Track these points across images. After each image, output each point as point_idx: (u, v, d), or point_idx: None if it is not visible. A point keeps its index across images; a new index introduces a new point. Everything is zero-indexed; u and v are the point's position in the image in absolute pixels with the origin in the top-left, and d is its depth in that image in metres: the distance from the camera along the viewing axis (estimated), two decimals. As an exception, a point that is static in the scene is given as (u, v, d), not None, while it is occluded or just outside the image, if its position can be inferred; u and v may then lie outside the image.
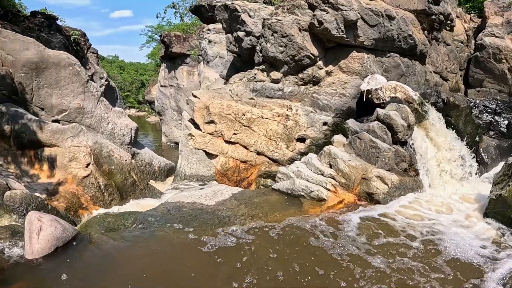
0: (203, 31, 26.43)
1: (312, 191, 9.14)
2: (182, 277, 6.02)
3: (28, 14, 23.28)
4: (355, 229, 7.62)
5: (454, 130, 11.78)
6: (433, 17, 12.95)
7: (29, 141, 13.97)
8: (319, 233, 7.39)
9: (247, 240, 7.13)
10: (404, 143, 10.34)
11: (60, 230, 6.99)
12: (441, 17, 13.08)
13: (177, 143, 28.73)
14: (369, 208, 8.64)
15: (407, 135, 10.27)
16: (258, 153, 11.97)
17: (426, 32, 13.19)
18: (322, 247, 6.92)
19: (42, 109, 15.85)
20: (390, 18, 11.62)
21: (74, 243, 7.06)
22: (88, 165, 14.23)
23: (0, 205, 10.19)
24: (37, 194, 11.83)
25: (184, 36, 29.64)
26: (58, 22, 24.31)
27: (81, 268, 6.29)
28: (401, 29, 11.76)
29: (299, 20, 12.29)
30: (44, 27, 22.69)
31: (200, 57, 25.21)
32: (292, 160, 11.52)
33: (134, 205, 13.80)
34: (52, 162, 14.02)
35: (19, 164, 14.02)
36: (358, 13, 11.54)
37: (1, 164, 13.71)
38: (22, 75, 15.58)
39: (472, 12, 18.17)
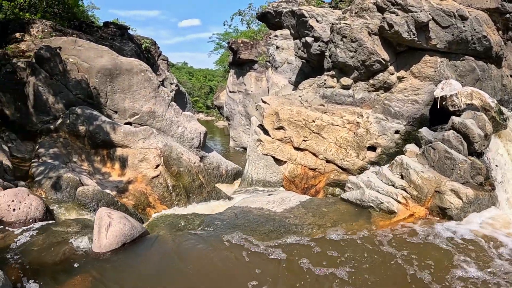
0: (270, 37, 26.59)
1: (382, 203, 8.85)
2: (248, 280, 6.02)
3: (101, 24, 24.49)
4: (430, 248, 7.28)
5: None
6: (508, 15, 12.18)
7: (103, 141, 14.65)
8: (391, 249, 7.16)
9: (313, 250, 7.03)
10: (480, 154, 9.75)
11: (129, 227, 7.25)
12: (516, 15, 12.33)
13: (245, 148, 29.10)
14: (442, 224, 8.13)
15: (483, 145, 9.66)
16: (327, 161, 11.82)
17: (500, 32, 12.42)
18: (395, 263, 6.69)
19: (116, 112, 16.57)
20: (463, 18, 11.04)
21: (141, 241, 7.31)
22: (157, 166, 14.70)
23: (73, 199, 10.77)
24: (107, 190, 12.37)
25: (252, 42, 29.94)
26: (130, 31, 25.42)
27: (145, 265, 6.48)
28: (474, 29, 11.14)
29: (368, 23, 12.03)
30: (117, 36, 23.74)
31: (268, 63, 25.37)
32: (361, 169, 11.27)
33: (201, 207, 14.05)
34: (123, 162, 14.60)
35: (92, 162, 14.70)
36: (429, 14, 11.09)
37: (75, 161, 14.46)
38: (97, 80, 16.37)
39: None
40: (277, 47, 22.58)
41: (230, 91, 31.98)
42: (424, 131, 10.50)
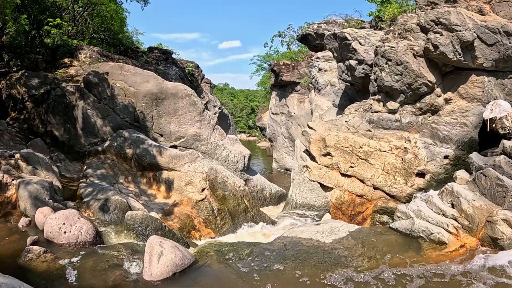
0: (311, 59, 26.66)
1: (432, 233, 8.58)
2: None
3: (146, 49, 25.22)
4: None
5: None
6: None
7: (149, 164, 15.03)
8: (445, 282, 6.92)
9: (363, 284, 6.90)
10: (532, 181, 9.36)
11: (180, 257, 7.37)
12: None
13: (287, 169, 29.18)
14: (495, 256, 7.77)
15: (536, 171, 9.31)
16: (375, 188, 11.63)
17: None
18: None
19: (161, 135, 16.99)
20: (509, 34, 10.55)
21: (190, 270, 7.39)
22: (203, 189, 14.90)
23: (120, 221, 10.98)
24: (153, 213, 12.62)
25: (293, 64, 30.12)
26: (173, 55, 26.07)
27: None
28: None
29: (413, 45, 11.85)
30: (161, 61, 24.44)
31: (311, 85, 25.40)
32: (410, 196, 11.01)
33: (246, 232, 14.08)
34: (169, 185, 14.89)
35: (138, 184, 15.08)
36: (474, 32, 10.74)
37: (122, 182, 14.85)
38: (143, 104, 16.85)
39: None
40: (320, 69, 22.57)
41: (272, 113, 32.14)
42: (474, 157, 10.17)
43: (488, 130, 10.54)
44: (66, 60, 18.92)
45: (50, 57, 19.08)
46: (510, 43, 10.67)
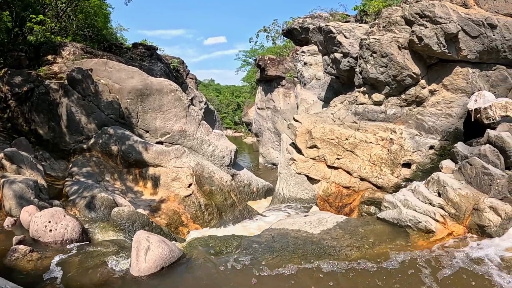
0: (297, 54, 26.69)
1: (419, 222, 8.64)
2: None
3: (130, 46, 25.02)
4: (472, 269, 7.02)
5: None
6: (537, 19, 11.86)
7: (135, 161, 14.92)
8: (435, 272, 6.96)
9: (352, 274, 6.91)
10: (515, 168, 9.49)
11: (167, 251, 7.29)
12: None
13: (274, 164, 29.22)
14: (481, 243, 7.86)
15: (520, 158, 9.43)
16: (362, 179, 11.66)
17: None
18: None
19: (147, 131, 16.87)
20: (492, 26, 10.71)
21: (179, 264, 7.32)
22: (190, 185, 14.85)
23: (107, 218, 10.89)
24: (140, 209, 12.55)
25: (278, 59, 30.12)
26: (158, 51, 25.91)
27: None
28: (504, 37, 10.76)
29: (398, 37, 11.90)
30: (146, 57, 24.26)
31: (296, 79, 25.42)
32: (396, 187, 11.07)
33: (234, 227, 14.08)
34: (155, 181, 14.82)
35: (125, 181, 14.98)
36: (458, 24, 10.84)
37: (108, 180, 14.73)
38: (128, 101, 16.70)
39: None
40: (305, 63, 22.59)
41: (258, 108, 32.14)
42: (460, 146, 10.25)
43: (472, 120, 10.65)
44: (49, 57, 18.68)
45: (33, 54, 18.82)
46: (494, 35, 10.80)
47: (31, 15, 18.64)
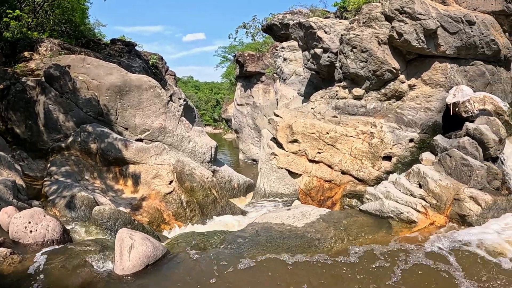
0: (276, 49, 26.72)
1: (401, 213, 8.79)
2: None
3: (108, 42, 24.64)
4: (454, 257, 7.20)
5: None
6: (513, 17, 12.12)
7: (115, 159, 14.72)
8: (415, 260, 7.08)
9: (337, 265, 6.98)
10: (494, 159, 9.70)
11: (151, 248, 7.19)
12: (522, 16, 12.22)
13: (255, 160, 29.24)
14: (462, 232, 8.04)
15: (498, 150, 9.61)
16: (343, 172, 11.76)
17: (507, 34, 12.33)
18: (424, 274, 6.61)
19: (126, 128, 16.65)
20: (471, 23, 10.97)
21: (163, 261, 7.23)
22: (171, 182, 14.73)
23: (88, 218, 10.75)
24: (121, 208, 12.40)
25: (258, 55, 30.10)
26: (136, 47, 25.58)
27: (170, 287, 6.41)
28: (482, 34, 11.06)
29: (377, 33, 12.01)
30: (124, 53, 23.90)
31: (276, 75, 25.45)
32: (378, 180, 11.20)
33: (216, 223, 14.03)
34: (136, 179, 14.65)
35: (105, 180, 14.77)
36: (437, 21, 11.03)
37: (88, 179, 14.51)
38: (107, 97, 16.47)
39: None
40: (285, 59, 22.63)
41: (238, 104, 32.11)
42: (439, 139, 10.45)
43: (451, 114, 10.87)
44: (26, 53, 18.28)
45: (9, 51, 18.39)
46: (472, 31, 11.04)
47: (7, 10, 18.21)
